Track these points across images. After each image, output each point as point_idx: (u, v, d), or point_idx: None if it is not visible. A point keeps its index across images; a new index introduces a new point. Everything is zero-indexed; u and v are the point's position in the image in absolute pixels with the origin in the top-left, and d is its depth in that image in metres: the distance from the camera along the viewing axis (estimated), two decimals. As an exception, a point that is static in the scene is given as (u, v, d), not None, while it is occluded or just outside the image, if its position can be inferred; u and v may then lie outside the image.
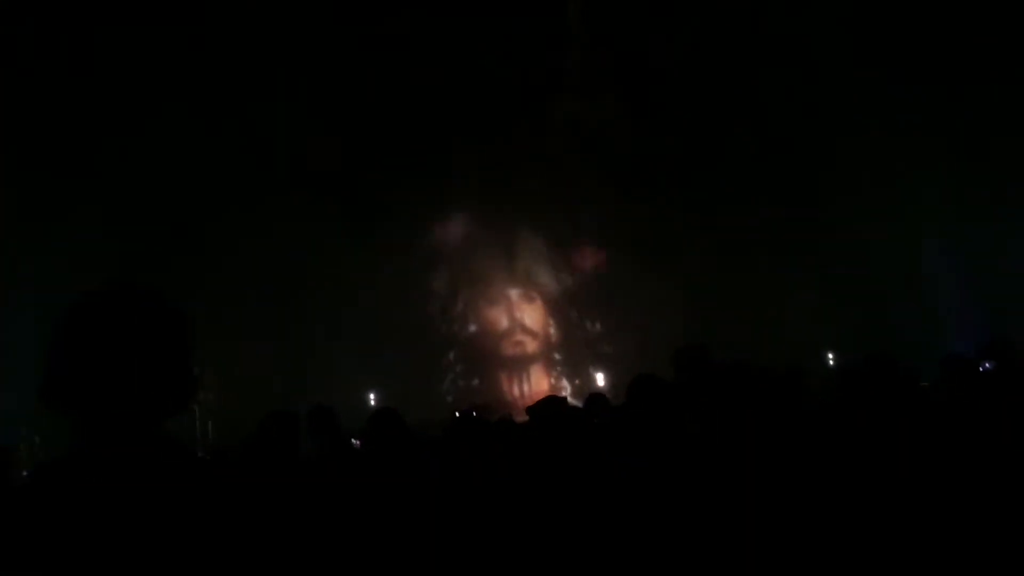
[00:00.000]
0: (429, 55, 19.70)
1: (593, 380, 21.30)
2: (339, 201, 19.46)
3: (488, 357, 22.74)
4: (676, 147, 19.90)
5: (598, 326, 22.53)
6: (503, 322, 22.94)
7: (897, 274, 17.89)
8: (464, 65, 20.56)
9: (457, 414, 7.38)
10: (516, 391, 21.70)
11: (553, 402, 5.21)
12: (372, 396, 20.20)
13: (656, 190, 20.17)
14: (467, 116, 20.47)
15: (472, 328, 23.16)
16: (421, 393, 20.63)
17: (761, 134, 19.08)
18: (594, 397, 5.13)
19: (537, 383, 22.00)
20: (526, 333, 22.95)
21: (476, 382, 22.05)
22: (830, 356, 18.01)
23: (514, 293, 23.07)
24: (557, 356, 22.89)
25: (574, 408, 5.13)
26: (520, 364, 22.74)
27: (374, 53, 19.43)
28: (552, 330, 23.15)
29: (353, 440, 5.89)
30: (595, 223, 21.89)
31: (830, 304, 18.78)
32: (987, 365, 3.59)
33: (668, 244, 19.35)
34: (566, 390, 20.75)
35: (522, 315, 22.98)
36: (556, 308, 23.14)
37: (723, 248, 19.73)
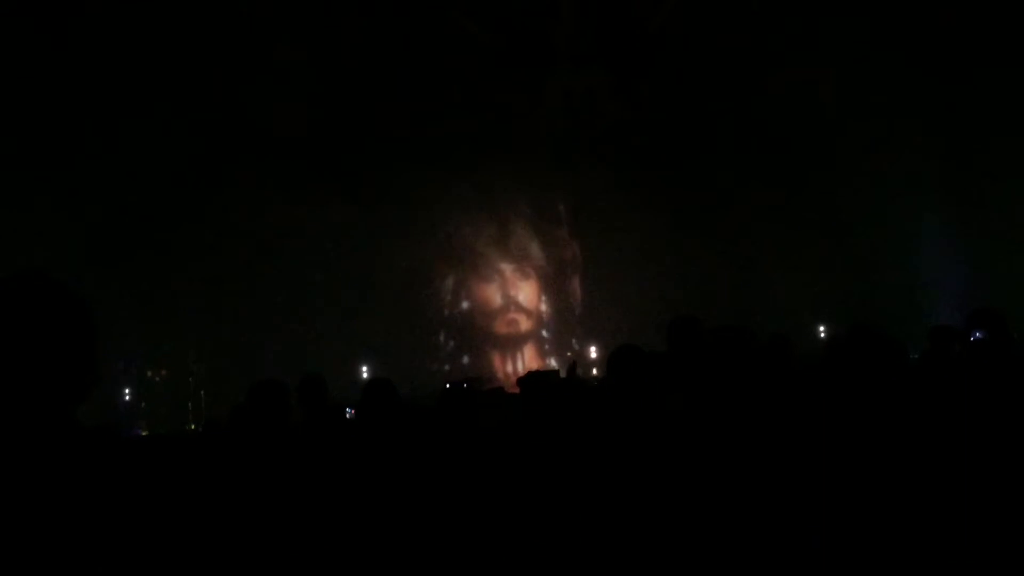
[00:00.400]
0: (416, 28, 19.45)
1: (587, 353, 21.33)
2: (332, 177, 19.32)
3: (480, 335, 22.64)
4: (668, 120, 19.79)
5: (591, 299, 22.44)
6: (496, 299, 22.81)
7: (887, 246, 17.94)
8: (454, 36, 20.36)
9: (448, 385, 7.39)
10: (509, 368, 21.58)
11: (543, 375, 5.24)
12: (364, 369, 20.24)
13: (647, 163, 20.06)
14: (458, 89, 20.26)
15: (464, 305, 23.04)
16: (414, 368, 20.69)
17: (752, 109, 18.97)
18: (572, 367, 5.13)
19: (530, 361, 21.92)
20: (520, 311, 22.84)
21: (466, 360, 21.93)
22: (821, 329, 18.08)
23: (507, 269, 22.87)
24: (546, 334, 22.83)
25: (564, 380, 5.14)
26: (513, 342, 22.65)
27: (357, 22, 19.12)
28: (545, 306, 23.06)
29: (347, 410, 5.89)
30: (587, 197, 21.74)
31: (822, 277, 18.86)
32: (977, 335, 3.59)
33: (660, 218, 19.29)
34: (556, 365, 20.71)
35: (516, 292, 22.84)
36: (549, 283, 23.03)
37: (715, 222, 19.74)
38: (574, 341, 22.36)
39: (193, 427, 17.47)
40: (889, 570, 2.22)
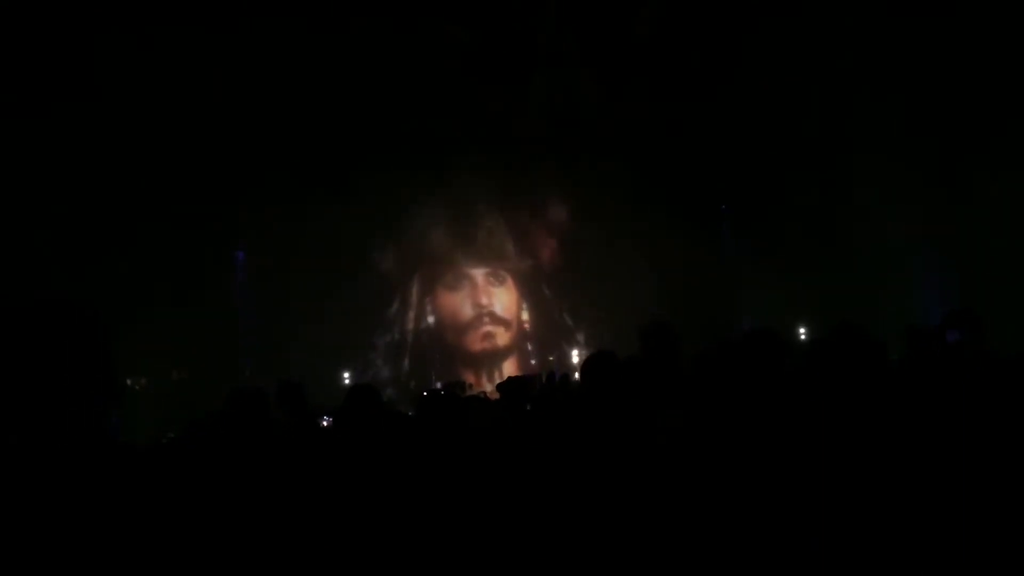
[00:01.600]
0: (396, 29, 19.32)
1: (568, 358, 21.27)
2: (312, 180, 19.21)
3: (452, 350, 21.71)
4: (652, 123, 19.84)
5: (572, 305, 22.17)
6: (468, 309, 21.72)
7: (867, 245, 18.03)
8: (435, 38, 20.28)
9: (424, 393, 7.37)
10: (486, 382, 20.62)
11: (523, 381, 5.25)
12: (346, 375, 20.15)
13: (631, 166, 20.09)
14: (437, 90, 20.16)
15: (431, 320, 22.07)
16: (390, 380, 20.59)
17: (737, 112, 19.05)
18: (552, 375, 5.15)
19: (511, 372, 21.24)
20: (496, 322, 21.76)
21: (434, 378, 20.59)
22: (801, 331, 18.19)
23: (482, 276, 22.01)
24: (530, 347, 22.06)
25: (544, 386, 5.15)
26: (490, 359, 21.57)
27: (336, 23, 18.95)
28: (525, 315, 22.25)
29: (324, 417, 5.86)
30: (565, 199, 21.69)
31: (802, 277, 18.97)
32: (955, 335, 3.62)
33: (643, 220, 19.34)
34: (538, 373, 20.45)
35: (491, 301, 21.81)
36: (528, 291, 22.46)
37: (698, 224, 19.81)
38: (556, 351, 21.96)
39: (173, 436, 17.28)
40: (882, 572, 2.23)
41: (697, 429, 2.84)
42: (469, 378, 20.49)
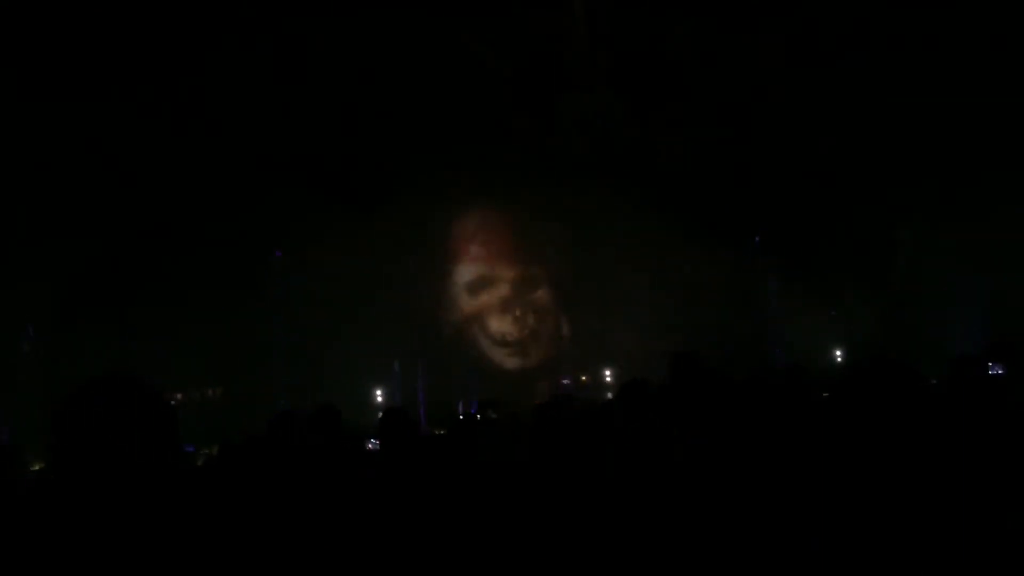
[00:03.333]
0: (426, 51, 19.51)
1: (602, 376, 21.23)
2: (344, 199, 19.39)
3: (489, 363, 22.27)
4: (681, 144, 19.81)
5: (604, 323, 22.14)
6: (506, 324, 22.44)
7: (907, 274, 17.82)
8: (464, 60, 20.46)
9: (461, 416, 7.39)
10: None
11: (561, 402, 5.23)
12: (379, 393, 20.24)
13: (661, 187, 20.04)
14: (467, 112, 20.27)
15: (475, 331, 22.67)
16: (429, 391, 20.62)
17: (767, 133, 18.96)
18: (592, 402, 5.15)
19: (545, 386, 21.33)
20: (530, 337, 22.48)
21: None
22: (837, 354, 17.99)
23: (515, 293, 22.57)
24: (563, 359, 22.39)
25: (584, 409, 5.14)
26: (525, 375, 22.11)
27: (365, 42, 19.17)
28: (563, 330, 22.71)
29: (367, 441, 5.89)
30: (600, 220, 21.65)
31: (837, 300, 18.79)
32: (994, 368, 3.57)
33: (674, 240, 19.28)
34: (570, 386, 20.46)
35: (527, 316, 22.50)
36: (561, 306, 22.76)
37: (730, 244, 19.67)
38: (590, 369, 22.01)
39: (208, 451, 17.46)
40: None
41: (716, 446, 2.86)
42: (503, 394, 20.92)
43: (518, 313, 22.58)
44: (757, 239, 20.78)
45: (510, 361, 22.39)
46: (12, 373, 16.19)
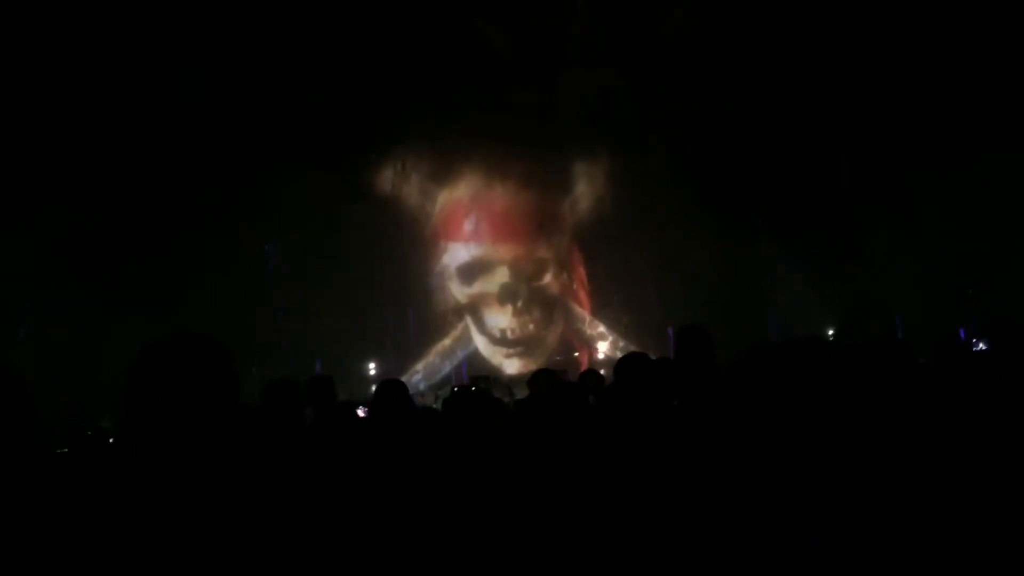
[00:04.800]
0: (430, 28, 19.33)
1: (595, 353, 21.25)
2: (341, 174, 19.33)
3: (482, 337, 21.56)
4: (683, 122, 19.69)
5: (601, 300, 22.03)
6: (503, 299, 21.34)
7: (896, 246, 17.84)
8: (469, 36, 20.32)
9: (455, 388, 7.44)
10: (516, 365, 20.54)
11: (548, 376, 5.29)
12: (372, 365, 20.31)
13: (662, 165, 19.97)
14: (470, 87, 20.11)
15: (460, 306, 21.72)
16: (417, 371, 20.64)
17: (768, 113, 18.88)
18: (587, 373, 5.19)
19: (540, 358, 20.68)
20: (526, 311, 21.28)
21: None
22: (829, 332, 18.09)
23: (510, 262, 21.60)
24: (554, 333, 21.75)
25: (570, 384, 5.20)
26: (519, 348, 21.24)
27: (368, 20, 19.01)
28: (552, 306, 21.89)
29: (359, 409, 5.94)
30: (595, 195, 21.52)
31: (830, 278, 18.86)
32: (980, 346, 3.61)
33: (673, 219, 19.29)
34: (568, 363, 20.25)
35: (523, 291, 21.41)
36: (557, 282, 22.18)
37: (729, 224, 19.64)
38: (584, 346, 21.83)
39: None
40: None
41: (714, 427, 2.88)
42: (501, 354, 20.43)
43: (520, 305, 21.13)
44: (756, 218, 20.76)
45: (510, 363, 20.80)
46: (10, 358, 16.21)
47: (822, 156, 18.81)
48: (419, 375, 20.54)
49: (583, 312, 22.01)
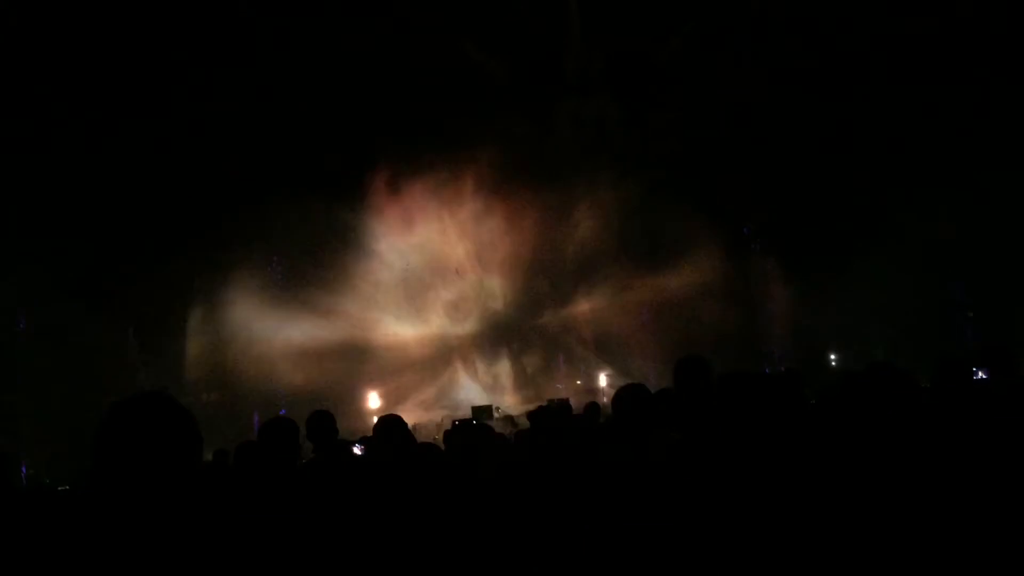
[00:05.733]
0: (424, 55, 19.48)
1: (596, 381, 21.17)
2: (341, 203, 19.44)
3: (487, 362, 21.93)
4: (677, 149, 19.80)
5: (601, 327, 21.96)
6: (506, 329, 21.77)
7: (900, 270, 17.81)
8: (462, 64, 20.46)
9: (456, 422, 7.41)
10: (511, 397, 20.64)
11: (552, 410, 5.26)
12: (373, 396, 20.20)
13: (657, 191, 20.05)
14: (465, 117, 20.22)
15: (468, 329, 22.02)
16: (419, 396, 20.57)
17: (761, 139, 18.98)
18: (592, 406, 5.17)
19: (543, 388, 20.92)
20: (527, 340, 21.76)
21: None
22: (832, 357, 18.03)
23: (516, 297, 21.92)
24: (560, 362, 21.89)
25: (575, 416, 5.17)
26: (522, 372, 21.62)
27: (365, 48, 19.16)
28: (552, 335, 22.13)
29: (356, 446, 5.90)
30: (595, 224, 21.56)
31: (834, 303, 18.83)
32: (980, 374, 3.59)
33: (669, 243, 19.34)
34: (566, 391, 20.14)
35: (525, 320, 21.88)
36: (557, 311, 22.43)
37: (727, 248, 19.68)
38: (584, 374, 21.78)
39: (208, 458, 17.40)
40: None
41: (701, 449, 2.86)
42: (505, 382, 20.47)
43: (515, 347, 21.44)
44: (745, 229, 20.73)
45: (509, 399, 20.65)
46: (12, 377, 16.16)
47: (819, 181, 18.88)
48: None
49: (581, 347, 21.98)
